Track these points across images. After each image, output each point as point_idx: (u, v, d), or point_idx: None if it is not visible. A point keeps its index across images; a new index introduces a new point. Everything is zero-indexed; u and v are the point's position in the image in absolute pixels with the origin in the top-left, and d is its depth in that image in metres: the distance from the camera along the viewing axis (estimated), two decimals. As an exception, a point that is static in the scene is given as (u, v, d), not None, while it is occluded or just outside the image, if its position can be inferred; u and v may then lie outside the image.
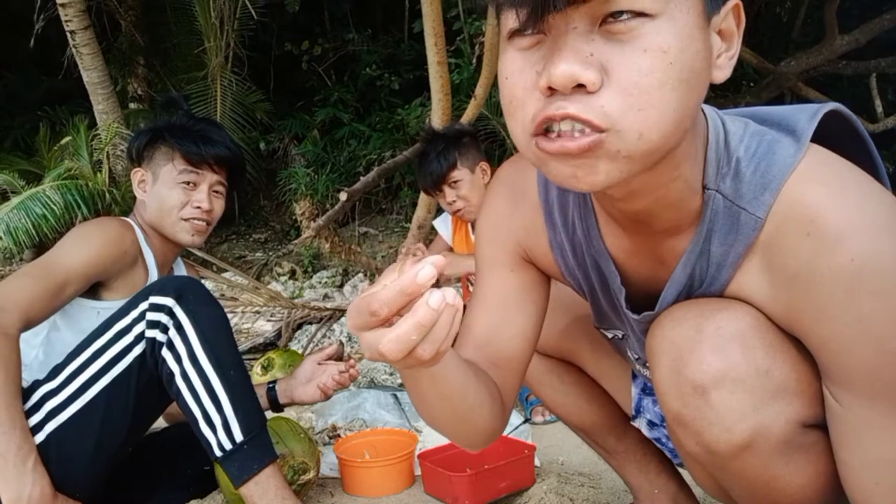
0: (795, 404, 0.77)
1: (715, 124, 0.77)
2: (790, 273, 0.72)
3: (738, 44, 0.70)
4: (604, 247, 0.88)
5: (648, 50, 0.60)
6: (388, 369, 2.72)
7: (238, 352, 1.45)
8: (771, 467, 0.78)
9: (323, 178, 5.80)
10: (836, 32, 5.07)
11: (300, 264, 5.42)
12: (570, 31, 0.61)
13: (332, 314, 3.45)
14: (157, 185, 1.67)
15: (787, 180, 0.72)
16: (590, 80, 0.60)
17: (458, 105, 4.17)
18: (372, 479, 1.69)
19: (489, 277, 0.98)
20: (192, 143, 1.65)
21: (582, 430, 1.30)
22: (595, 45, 0.61)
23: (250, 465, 1.34)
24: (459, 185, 2.38)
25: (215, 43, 4.91)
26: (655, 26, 0.60)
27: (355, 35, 6.44)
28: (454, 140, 2.37)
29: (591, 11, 0.60)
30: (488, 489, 1.56)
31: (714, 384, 0.76)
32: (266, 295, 3.58)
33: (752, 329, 0.76)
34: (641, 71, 0.60)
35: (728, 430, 0.76)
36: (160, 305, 1.37)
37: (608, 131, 0.61)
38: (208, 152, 1.66)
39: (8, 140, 6.65)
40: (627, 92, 0.61)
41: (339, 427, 2.10)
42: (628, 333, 0.99)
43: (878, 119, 5.20)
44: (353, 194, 3.82)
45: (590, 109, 0.61)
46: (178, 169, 1.65)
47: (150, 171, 1.69)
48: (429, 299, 0.55)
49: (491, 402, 0.88)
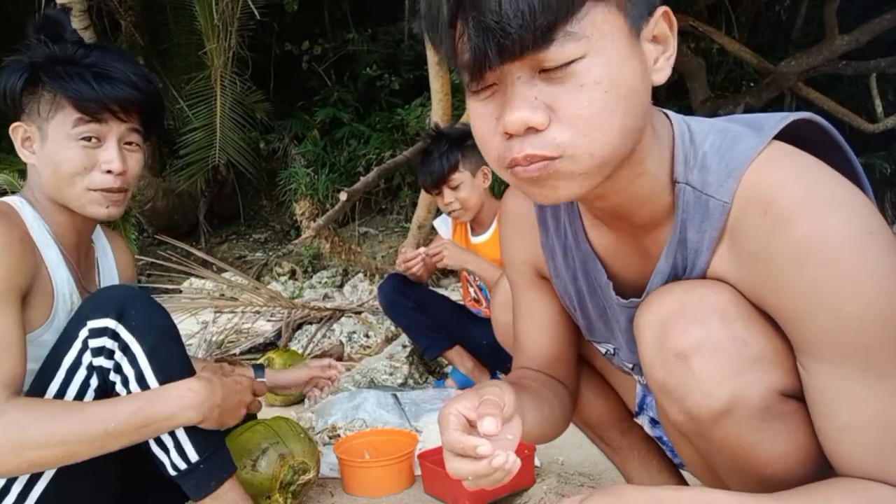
0: (773, 373, 0.80)
1: (679, 125, 0.85)
2: (752, 251, 0.78)
3: (674, 44, 0.77)
4: (590, 247, 0.97)
5: (584, 85, 0.69)
6: (388, 370, 2.72)
7: (189, 363, 1.31)
8: (751, 434, 0.81)
9: (323, 178, 5.80)
10: (836, 32, 5.07)
11: (300, 264, 5.43)
12: (516, 80, 0.70)
13: (332, 314, 3.45)
14: (48, 144, 1.27)
15: (748, 167, 0.78)
16: (538, 122, 0.70)
17: (458, 105, 4.17)
18: (372, 479, 1.69)
19: (522, 296, 1.15)
20: (83, 84, 1.23)
21: (587, 424, 1.31)
22: (538, 89, 0.70)
23: (207, 483, 1.28)
24: (459, 188, 2.37)
25: (217, 44, 4.91)
26: (586, 64, 0.69)
27: (355, 35, 6.44)
28: (458, 141, 2.36)
29: (529, 62, 0.69)
30: (488, 489, 1.56)
31: (695, 351, 0.80)
32: (266, 295, 3.58)
33: (731, 303, 0.81)
34: (582, 104, 0.70)
35: (708, 395, 0.80)
36: (100, 329, 1.21)
37: (560, 157, 0.72)
38: (108, 94, 1.25)
39: (8, 140, 6.64)
40: (573, 124, 0.70)
41: (339, 427, 2.10)
42: (619, 343, 1.02)
43: (878, 119, 5.21)
44: (353, 194, 3.83)
45: (544, 145, 0.71)
46: (70, 121, 1.25)
47: (35, 126, 1.28)
48: (492, 460, 0.74)
49: (560, 404, 1.08)
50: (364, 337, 3.31)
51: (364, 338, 3.30)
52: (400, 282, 2.57)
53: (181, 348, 1.32)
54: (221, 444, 1.33)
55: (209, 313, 3.61)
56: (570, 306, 1.09)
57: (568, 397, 1.13)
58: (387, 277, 2.67)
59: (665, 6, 0.75)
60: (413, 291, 2.56)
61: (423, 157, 2.44)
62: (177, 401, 1.22)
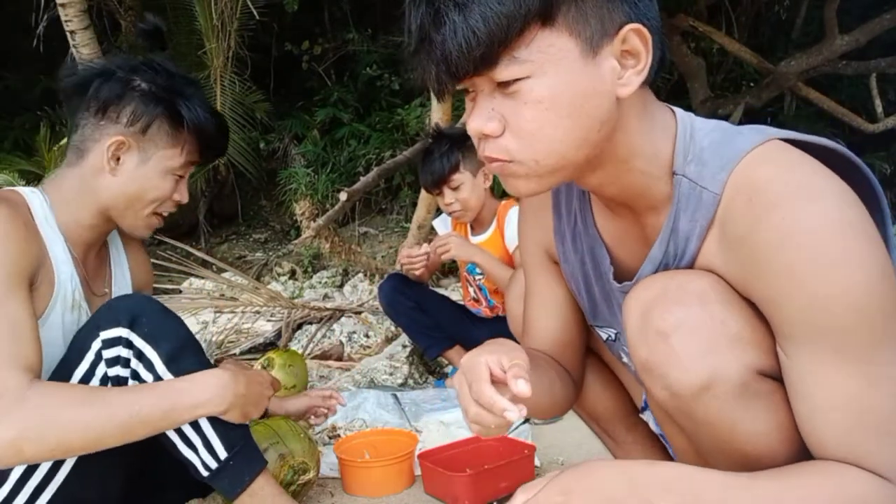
0: (750, 353, 0.84)
1: (683, 121, 0.90)
2: (737, 238, 0.82)
3: (648, 56, 0.81)
4: (597, 232, 1.03)
5: (528, 102, 0.79)
6: (388, 370, 2.72)
7: (207, 361, 1.32)
8: (731, 411, 0.84)
9: (323, 178, 5.81)
10: (836, 32, 5.07)
11: (300, 264, 5.43)
12: (480, 93, 0.82)
13: (332, 314, 3.45)
14: (146, 168, 1.32)
15: (741, 161, 0.83)
16: (491, 130, 0.81)
17: (458, 105, 4.17)
18: (372, 479, 1.69)
19: (534, 279, 1.19)
20: (212, 139, 1.39)
21: (593, 416, 1.32)
22: (497, 101, 0.81)
23: (241, 479, 1.27)
24: (460, 189, 2.37)
25: (217, 44, 4.91)
26: (530, 84, 0.78)
27: (355, 35, 6.44)
28: (459, 142, 2.36)
29: (490, 78, 0.80)
30: (488, 489, 1.56)
31: (674, 329, 0.85)
32: (266, 295, 3.58)
33: (712, 288, 0.86)
34: (525, 119, 0.80)
35: (687, 370, 0.84)
36: (114, 339, 1.21)
37: (512, 161, 0.83)
38: (220, 146, 1.42)
39: (8, 140, 6.65)
40: (519, 135, 0.81)
41: (339, 427, 2.10)
42: (620, 327, 1.04)
43: (878, 119, 5.21)
44: (353, 194, 3.83)
45: (498, 150, 0.83)
46: (182, 160, 1.35)
47: (140, 147, 1.32)
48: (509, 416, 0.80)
49: (563, 385, 1.13)
50: (364, 337, 3.31)
51: (364, 338, 3.30)
52: (400, 282, 2.57)
53: (200, 353, 1.31)
54: (249, 438, 1.32)
55: (209, 313, 3.61)
56: (576, 290, 1.12)
57: (571, 384, 1.15)
58: (387, 277, 2.67)
59: (634, 23, 0.79)
60: (413, 291, 2.56)
61: (424, 157, 2.44)
62: (202, 388, 1.22)
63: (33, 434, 1.09)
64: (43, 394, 1.11)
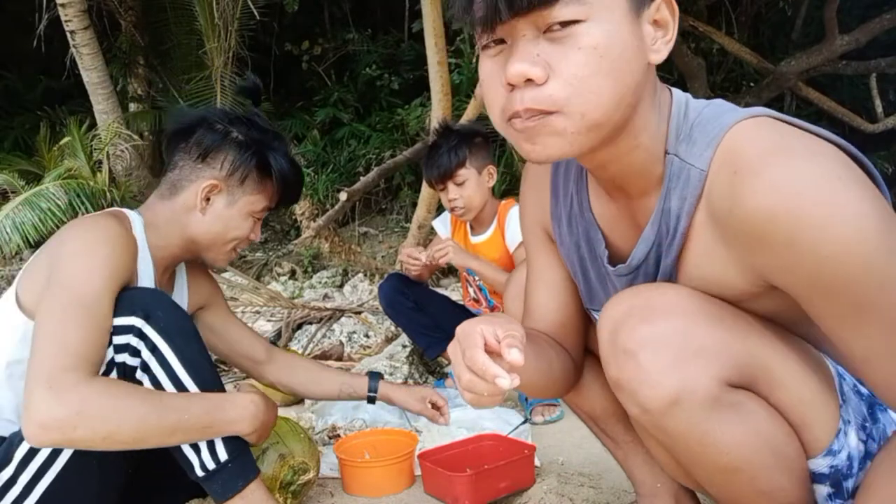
0: (716, 364, 0.84)
1: (678, 101, 0.90)
2: (725, 211, 0.81)
3: (674, 29, 0.82)
4: (592, 216, 1.03)
5: (582, 48, 0.75)
6: (388, 370, 2.72)
7: (213, 363, 1.37)
8: (701, 423, 0.85)
9: (323, 178, 5.81)
10: (836, 32, 5.07)
11: (300, 264, 5.43)
12: (521, 38, 0.78)
13: (332, 314, 3.45)
14: (233, 210, 1.48)
15: (725, 135, 0.83)
16: (536, 75, 0.76)
17: (458, 105, 4.18)
18: (372, 479, 1.69)
19: (534, 259, 1.18)
20: (292, 192, 1.55)
21: (592, 416, 1.31)
22: (541, 48, 0.77)
23: (234, 483, 1.30)
24: (464, 185, 2.37)
25: (217, 44, 4.91)
26: (585, 28, 0.75)
27: (355, 35, 6.45)
28: (467, 138, 2.36)
29: (535, 22, 0.76)
30: (488, 489, 1.56)
31: (641, 347, 0.85)
32: (266, 295, 3.58)
33: (678, 302, 0.87)
34: (578, 64, 0.76)
35: (654, 386, 0.85)
36: (126, 327, 1.24)
37: (557, 113, 0.77)
38: (297, 194, 1.58)
39: (8, 140, 6.66)
40: (569, 82, 0.76)
41: (339, 427, 2.10)
42: None
43: (878, 119, 5.21)
44: (353, 194, 3.83)
45: (541, 99, 0.77)
46: (261, 205, 1.51)
47: (228, 190, 1.47)
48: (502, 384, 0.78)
49: (562, 365, 1.11)
50: (364, 337, 3.31)
51: (364, 338, 3.30)
52: (400, 281, 2.57)
53: (205, 350, 1.36)
54: (247, 448, 1.35)
55: (209, 313, 3.60)
56: (572, 273, 1.12)
57: (571, 365, 1.14)
58: (387, 277, 2.67)
59: None
60: (413, 291, 2.56)
61: (431, 151, 2.43)
62: (241, 410, 1.29)
63: (90, 416, 1.13)
64: (106, 384, 1.17)
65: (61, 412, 1.11)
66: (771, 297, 0.85)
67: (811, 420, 0.88)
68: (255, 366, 1.74)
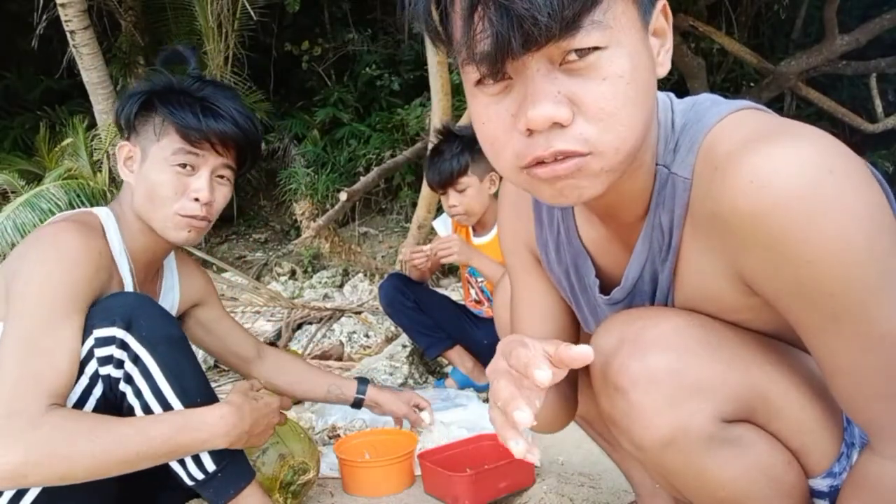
0: (712, 400, 0.80)
1: (664, 105, 0.82)
2: (709, 215, 0.74)
3: (671, 36, 0.76)
4: (581, 244, 0.96)
5: (607, 78, 0.66)
6: (388, 370, 2.72)
7: (202, 371, 1.32)
8: (697, 461, 0.82)
9: (323, 178, 5.81)
10: (836, 32, 5.08)
11: (300, 264, 5.43)
12: (535, 74, 0.66)
13: (332, 314, 3.45)
14: (146, 165, 1.34)
15: (706, 136, 0.76)
16: (563, 118, 0.66)
17: (458, 105, 4.17)
18: (372, 479, 1.69)
19: (519, 283, 1.09)
20: (190, 114, 1.32)
21: (588, 420, 1.30)
22: (560, 83, 0.66)
23: (227, 490, 1.29)
24: (465, 192, 2.36)
25: (215, 45, 4.91)
26: (608, 56, 0.66)
27: (355, 35, 6.45)
28: (470, 143, 2.34)
29: (549, 55, 0.66)
30: (488, 489, 1.56)
31: (632, 385, 0.81)
32: (266, 295, 3.58)
33: (670, 332, 0.81)
34: (606, 97, 0.66)
35: (647, 427, 0.81)
36: (107, 338, 1.20)
37: (590, 154, 0.68)
38: (210, 127, 1.32)
39: (8, 140, 6.66)
40: (598, 118, 0.67)
41: (339, 427, 2.10)
42: None
43: (878, 119, 5.21)
44: (353, 194, 3.83)
45: (572, 141, 0.67)
46: (171, 147, 1.32)
47: (139, 147, 1.35)
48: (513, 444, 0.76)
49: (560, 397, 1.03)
50: (364, 337, 3.30)
51: (364, 338, 3.30)
52: (400, 281, 2.56)
53: (192, 358, 1.31)
54: (238, 454, 1.33)
55: (209, 313, 3.60)
56: (566, 299, 1.08)
57: (569, 390, 1.08)
58: (387, 277, 2.67)
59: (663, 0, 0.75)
60: (413, 291, 2.56)
61: (433, 155, 2.42)
62: (208, 429, 1.24)
63: (39, 462, 1.09)
64: (55, 423, 1.10)
65: (9, 464, 1.07)
66: (770, 310, 0.78)
67: (811, 446, 0.85)
68: (244, 364, 1.71)
